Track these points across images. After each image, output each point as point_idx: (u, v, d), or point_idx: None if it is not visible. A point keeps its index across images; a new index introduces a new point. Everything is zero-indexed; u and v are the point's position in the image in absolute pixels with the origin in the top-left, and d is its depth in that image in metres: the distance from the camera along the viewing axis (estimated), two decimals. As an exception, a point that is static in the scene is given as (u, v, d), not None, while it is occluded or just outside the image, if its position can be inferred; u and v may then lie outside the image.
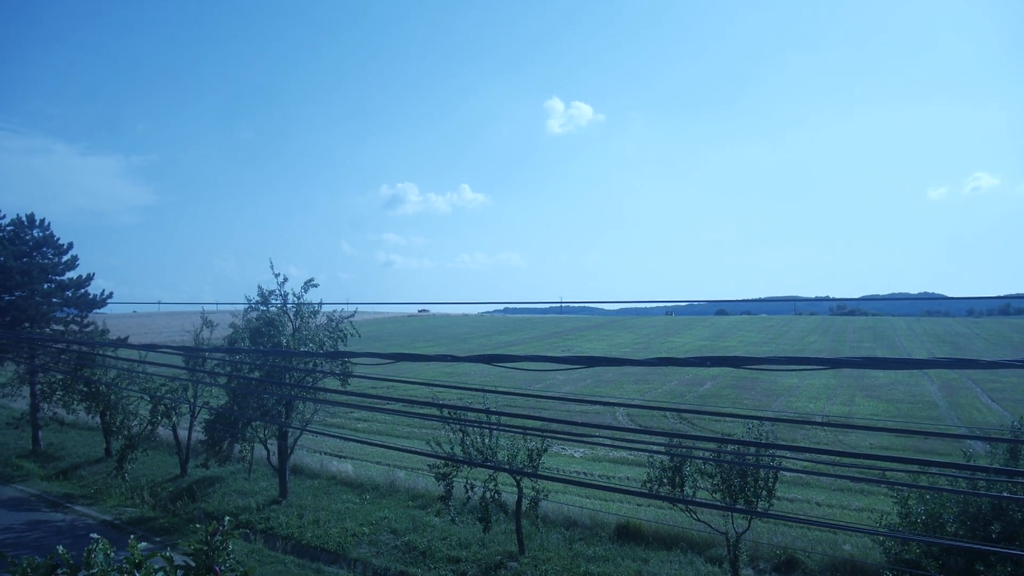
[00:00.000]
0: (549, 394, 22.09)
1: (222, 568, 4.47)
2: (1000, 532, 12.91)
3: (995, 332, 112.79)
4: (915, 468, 14.64)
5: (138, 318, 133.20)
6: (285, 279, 24.10)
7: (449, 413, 16.60)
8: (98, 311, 36.22)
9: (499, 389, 13.08)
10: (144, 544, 4.85)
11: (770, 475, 16.32)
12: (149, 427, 27.03)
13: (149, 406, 26.83)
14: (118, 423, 27.79)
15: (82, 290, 35.25)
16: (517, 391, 13.39)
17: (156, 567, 4.49)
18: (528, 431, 17.67)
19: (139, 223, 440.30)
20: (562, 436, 19.43)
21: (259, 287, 24.12)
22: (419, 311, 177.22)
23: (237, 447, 24.30)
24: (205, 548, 4.44)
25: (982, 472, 12.06)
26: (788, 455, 17.00)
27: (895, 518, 14.88)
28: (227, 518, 4.83)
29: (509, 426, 17.41)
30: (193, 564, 4.46)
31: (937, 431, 34.48)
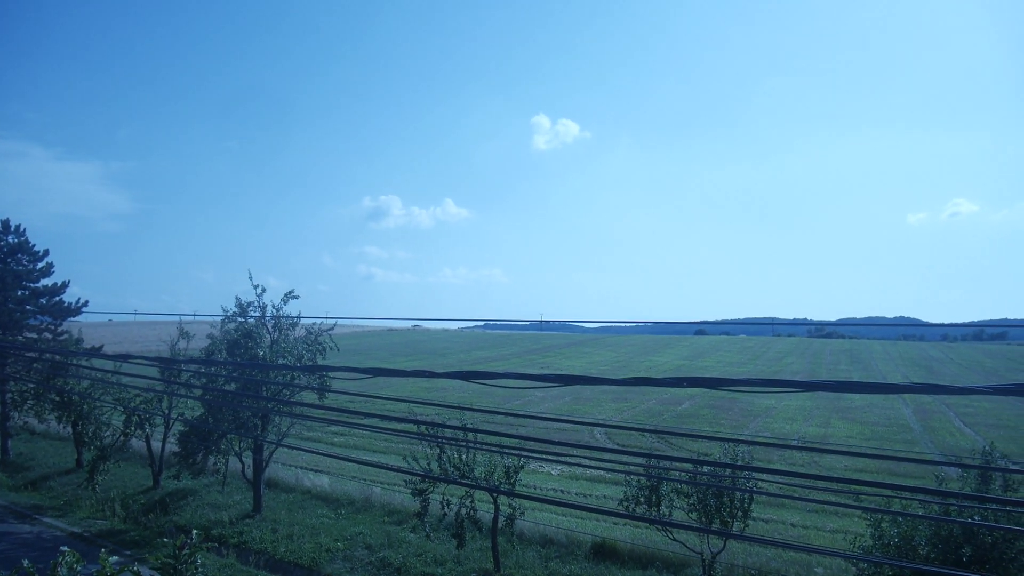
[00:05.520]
0: (527, 412, 22.09)
1: (191, 583, 4.42)
2: (971, 556, 13.04)
3: (968, 357, 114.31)
4: (889, 492, 14.75)
5: (113, 327, 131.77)
6: (264, 290, 23.95)
7: (426, 429, 16.55)
8: (73, 319, 35.81)
9: (476, 407, 13.10)
10: (115, 558, 4.80)
11: (745, 496, 16.40)
12: (122, 438, 26.68)
13: (122, 417, 26.48)
14: (90, 433, 27.42)
15: (56, 298, 34.83)
16: (495, 408, 13.39)
17: (125, 581, 4.44)
18: (505, 449, 17.65)
19: (117, 231, 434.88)
20: (539, 455, 19.42)
21: (236, 298, 23.95)
22: (413, 326, 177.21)
23: (211, 460, 24.02)
24: (173, 562, 4.39)
25: (954, 497, 12.18)
26: (764, 477, 17.08)
27: (868, 541, 14.98)
28: (195, 531, 4.79)
29: (486, 443, 17.38)
30: (161, 578, 4.41)
31: (911, 455, 34.82)
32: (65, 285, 35.29)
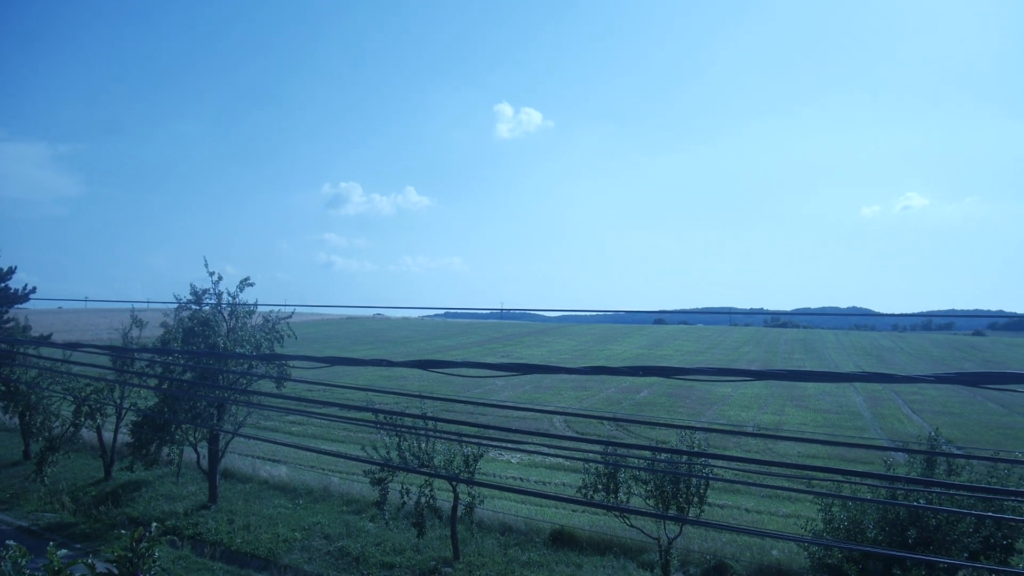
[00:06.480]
0: (486, 400, 22.13)
1: (147, 576, 4.35)
2: (916, 538, 13.48)
3: (917, 346, 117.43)
4: (839, 477, 15.15)
5: (63, 315, 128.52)
6: (220, 277, 23.59)
7: (385, 418, 16.49)
8: (19, 307, 34.73)
9: (436, 395, 13.09)
10: (64, 551, 4.70)
11: (701, 482, 16.68)
12: (72, 429, 26.08)
13: (72, 407, 25.88)
14: (38, 424, 26.73)
15: (2, 284, 33.78)
16: (454, 397, 13.40)
17: (77, 575, 4.35)
18: (465, 437, 17.69)
19: (66, 215, 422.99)
20: (499, 443, 19.50)
21: (191, 285, 23.55)
22: (374, 315, 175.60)
23: (165, 450, 23.63)
24: (130, 555, 4.31)
25: (900, 482, 12.57)
26: (719, 463, 17.40)
27: (820, 524, 15.38)
28: (154, 524, 4.70)
29: (446, 432, 17.40)
30: (116, 572, 4.33)
31: (862, 442, 35.73)
32: (11, 271, 34.20)
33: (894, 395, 56.39)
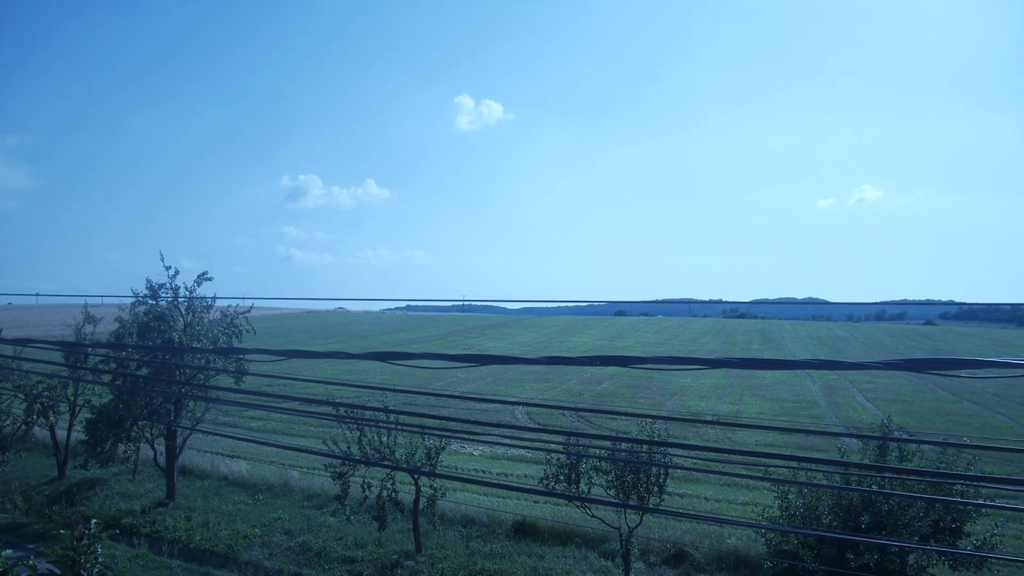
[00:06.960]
0: (448, 392, 22.09)
1: (91, 573, 4.25)
2: (869, 523, 13.79)
3: (871, 336, 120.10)
4: (794, 464, 15.44)
5: (13, 311, 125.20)
6: (177, 272, 23.22)
7: (345, 412, 16.39)
8: (-33, 302, 33.75)
9: (397, 388, 13.01)
10: (10, 551, 4.58)
11: (661, 471, 16.86)
12: (23, 427, 25.46)
13: (24, 405, 25.25)
14: (-12, 423, 26.03)
15: (-51, 279, 32.77)
16: (416, 389, 13.34)
17: None
18: (427, 430, 17.64)
19: (14, 208, 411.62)
20: (461, 435, 19.51)
21: (147, 280, 23.13)
22: (336, 308, 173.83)
23: (121, 447, 23.18)
24: (72, 553, 4.21)
25: (854, 468, 12.84)
26: (679, 452, 17.61)
27: (776, 511, 15.64)
28: (94, 521, 4.60)
29: (407, 425, 17.32)
30: (58, 571, 4.23)
31: (817, 429, 36.45)
32: (-43, 266, 33.23)
33: (848, 384, 57.59)
